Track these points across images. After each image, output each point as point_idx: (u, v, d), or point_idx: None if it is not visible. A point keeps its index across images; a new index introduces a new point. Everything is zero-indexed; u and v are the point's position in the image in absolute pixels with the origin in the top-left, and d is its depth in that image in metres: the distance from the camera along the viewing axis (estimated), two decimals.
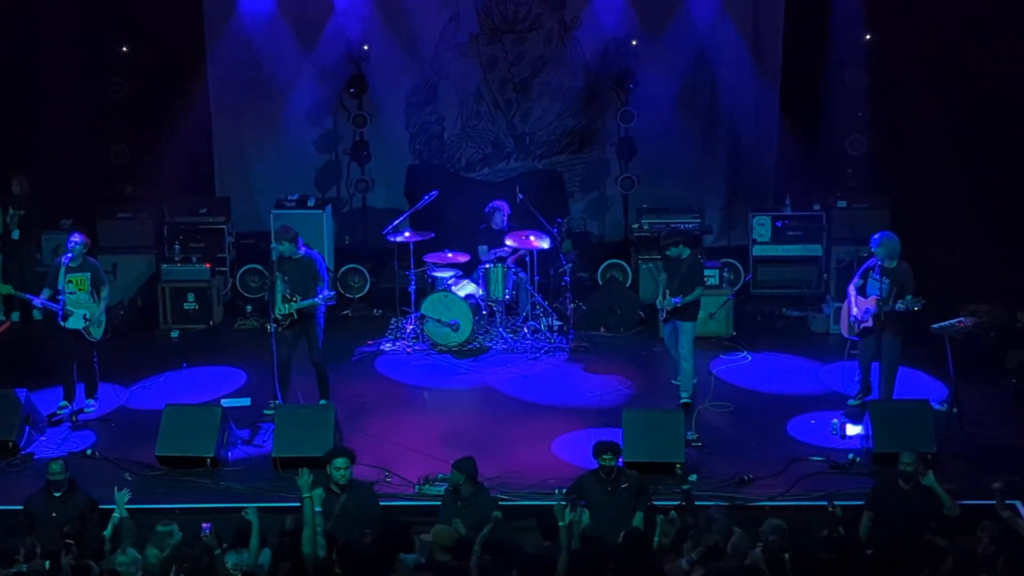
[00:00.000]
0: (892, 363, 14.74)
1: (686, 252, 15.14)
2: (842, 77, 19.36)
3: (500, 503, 12.26)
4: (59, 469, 12.45)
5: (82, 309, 15.00)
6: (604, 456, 12.47)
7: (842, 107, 19.43)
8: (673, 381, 15.50)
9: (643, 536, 11.53)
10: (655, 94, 19.92)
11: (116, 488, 12.24)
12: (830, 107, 19.54)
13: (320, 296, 14.78)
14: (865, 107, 19.39)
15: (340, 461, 12.19)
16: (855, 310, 14.77)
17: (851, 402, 15.09)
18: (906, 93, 18.72)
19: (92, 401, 15.44)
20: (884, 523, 11.88)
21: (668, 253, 15.19)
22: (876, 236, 14.71)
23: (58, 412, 15.21)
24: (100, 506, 12.45)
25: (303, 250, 14.96)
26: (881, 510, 12.07)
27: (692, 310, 15.15)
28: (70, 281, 15.00)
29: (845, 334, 15.16)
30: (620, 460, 12.72)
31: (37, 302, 15.05)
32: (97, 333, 15.14)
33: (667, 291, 15.03)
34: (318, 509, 11.52)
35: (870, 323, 14.63)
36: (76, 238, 15.09)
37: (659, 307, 15.21)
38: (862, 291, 14.76)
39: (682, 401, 15.15)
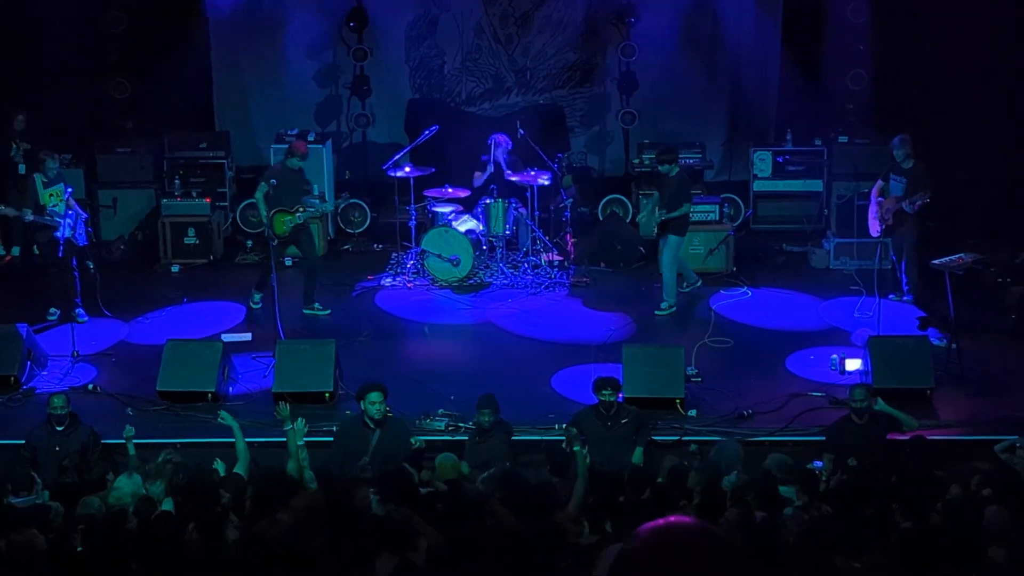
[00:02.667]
0: (911, 254, 15.83)
1: (675, 170, 15.83)
2: (844, 11, 19.26)
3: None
4: (61, 403, 12.52)
5: (65, 219, 15.48)
6: (604, 391, 12.52)
7: (844, 41, 19.33)
8: (657, 312, 16.10)
9: (645, 471, 11.57)
10: (656, 28, 19.82)
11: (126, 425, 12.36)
12: (832, 41, 19.44)
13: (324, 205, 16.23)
14: (866, 41, 19.29)
15: (374, 395, 12.21)
16: (881, 202, 15.82)
17: (906, 299, 15.90)
18: (908, 27, 18.62)
19: (81, 311, 15.74)
20: (844, 461, 11.88)
21: (660, 169, 15.89)
22: (896, 139, 15.89)
23: (48, 318, 15.68)
24: (102, 440, 12.52)
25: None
26: (839, 449, 12.09)
27: (681, 223, 15.85)
28: (51, 195, 15.45)
29: (872, 233, 15.96)
30: (620, 396, 12.78)
31: (29, 217, 15.53)
32: (83, 238, 15.75)
33: (657, 207, 15.80)
34: (300, 442, 11.55)
35: (891, 219, 15.61)
36: (52, 162, 15.81)
37: (641, 222, 16.34)
38: (885, 191, 15.78)
39: (658, 311, 15.84)
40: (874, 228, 15.99)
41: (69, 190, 15.75)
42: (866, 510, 9.71)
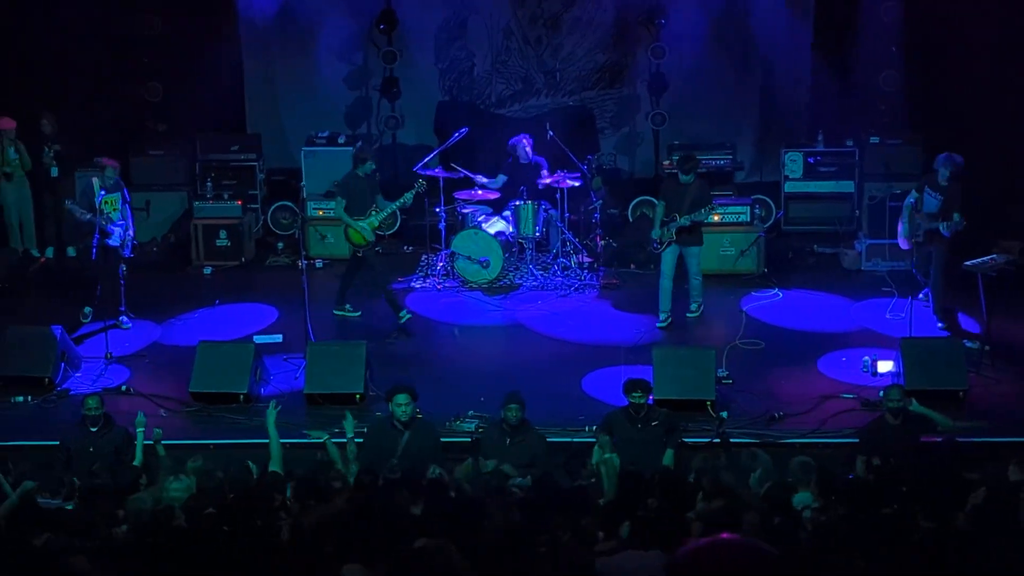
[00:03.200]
0: (939, 276, 15.37)
1: (693, 177, 15.62)
2: (876, 11, 19.20)
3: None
4: (96, 404, 12.58)
5: (118, 227, 15.52)
6: (634, 394, 12.51)
7: (875, 41, 19.27)
8: (690, 310, 15.90)
9: (675, 473, 11.54)
10: (686, 29, 19.79)
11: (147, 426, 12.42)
12: (863, 41, 19.37)
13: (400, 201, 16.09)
14: (898, 41, 19.23)
15: (401, 397, 12.25)
16: (914, 216, 15.37)
17: (921, 296, 15.60)
18: (940, 27, 18.53)
19: (126, 319, 15.74)
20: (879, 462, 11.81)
21: (683, 179, 15.55)
22: (942, 156, 15.34)
23: (83, 321, 15.69)
24: (135, 440, 12.58)
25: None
26: (873, 450, 12.02)
27: (699, 234, 15.70)
28: (107, 202, 15.41)
29: (905, 246, 15.63)
30: (650, 398, 12.77)
31: (87, 217, 15.42)
32: (128, 250, 15.72)
33: (675, 215, 15.45)
34: (350, 434, 11.60)
35: (921, 237, 15.21)
36: (111, 169, 15.69)
37: (658, 237, 15.65)
38: (919, 204, 15.33)
39: (690, 313, 15.82)
40: (903, 243, 15.68)
41: (126, 200, 15.77)
42: (884, 511, 9.64)
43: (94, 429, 12.51)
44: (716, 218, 17.10)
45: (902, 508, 9.76)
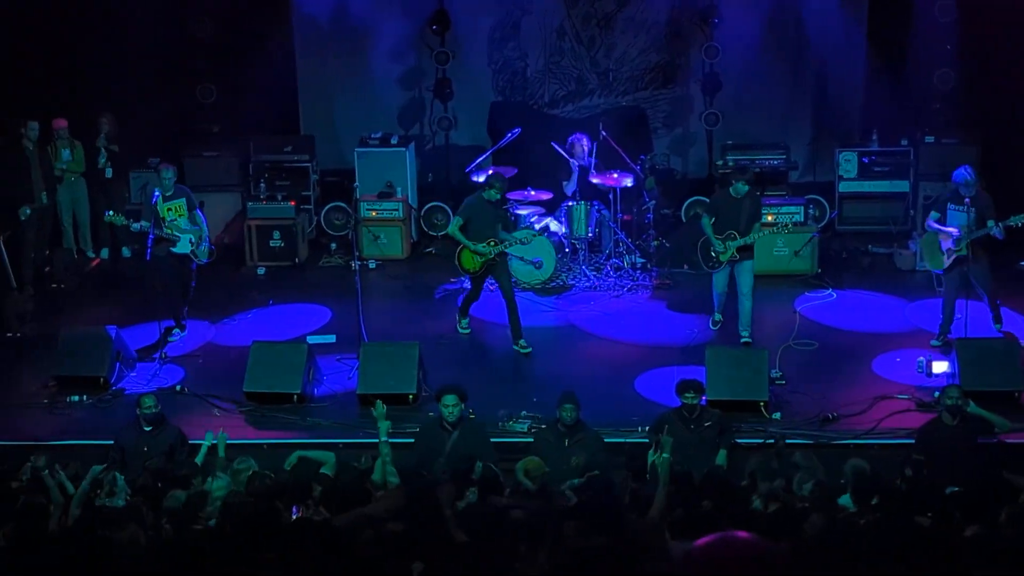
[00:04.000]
0: (988, 286, 14.85)
1: (748, 188, 15.12)
2: (930, 9, 19.07)
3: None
4: (152, 403, 12.66)
5: (187, 234, 15.43)
6: (687, 394, 12.48)
7: (930, 40, 19.14)
8: (743, 337, 15.19)
9: (725, 474, 11.50)
10: (740, 28, 19.73)
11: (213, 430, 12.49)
12: (918, 40, 19.25)
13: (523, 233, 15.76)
14: (954, 40, 19.08)
15: (449, 398, 12.26)
16: (944, 234, 14.75)
17: (933, 342, 14.97)
18: (996, 26, 18.37)
19: (178, 331, 15.74)
20: (934, 463, 11.68)
21: (736, 192, 14.97)
22: (960, 170, 14.75)
23: (172, 340, 15.58)
24: (189, 440, 12.66)
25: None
26: (929, 451, 11.94)
27: (752, 247, 15.17)
28: (169, 208, 15.39)
29: (933, 268, 15.23)
30: (703, 399, 12.73)
31: (136, 227, 15.38)
32: (203, 256, 15.64)
33: (732, 232, 14.90)
34: (383, 438, 11.62)
35: (955, 252, 14.61)
36: (168, 171, 15.55)
37: (720, 253, 15.02)
38: (942, 223, 14.81)
39: (743, 341, 15.08)
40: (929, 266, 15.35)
41: (194, 206, 15.72)
42: (921, 516, 9.53)
43: (148, 428, 12.59)
44: (770, 218, 17.03)
45: (940, 515, 9.64)
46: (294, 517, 10.16)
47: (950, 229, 14.63)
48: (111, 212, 15.98)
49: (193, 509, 10.34)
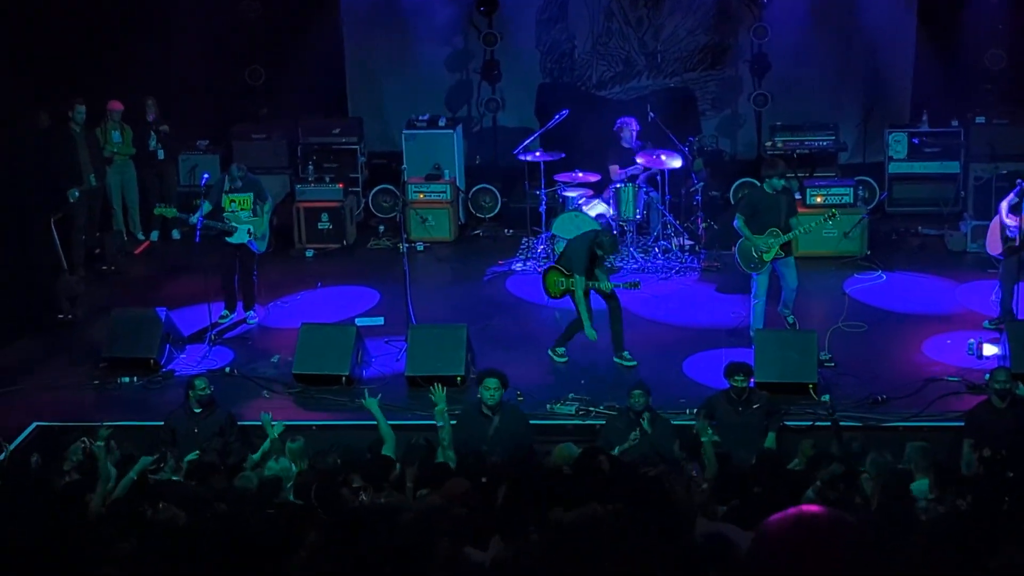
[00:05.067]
0: None
1: (783, 183, 14.55)
2: None
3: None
4: (204, 385, 12.70)
5: (245, 224, 15.43)
6: (736, 377, 12.43)
7: (981, 20, 19.00)
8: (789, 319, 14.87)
9: (776, 456, 11.45)
10: (789, 9, 19.63)
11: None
12: (969, 20, 19.11)
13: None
14: (1005, 20, 18.92)
15: (491, 381, 12.25)
16: (1009, 220, 14.51)
17: (986, 324, 14.86)
18: None
19: (252, 313, 15.83)
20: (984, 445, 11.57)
21: (771, 188, 14.38)
22: None
23: (220, 321, 15.66)
24: (238, 423, 12.72)
25: None
26: (979, 434, 11.83)
27: (791, 242, 14.64)
28: (232, 200, 15.42)
29: (990, 251, 15.05)
30: (751, 381, 12.69)
31: (192, 220, 15.28)
32: (261, 246, 15.62)
33: (774, 229, 14.33)
34: (440, 423, 11.64)
35: (1016, 240, 14.39)
36: (237, 169, 15.56)
37: (764, 252, 14.39)
38: (1016, 209, 14.46)
39: (790, 322, 14.80)
40: (994, 247, 14.88)
41: (263, 200, 15.61)
42: (1003, 503, 9.45)
43: (198, 410, 12.63)
44: (819, 199, 16.95)
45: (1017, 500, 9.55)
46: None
47: (1009, 220, 14.45)
48: (161, 205, 16.00)
49: (268, 491, 10.39)
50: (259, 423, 12.41)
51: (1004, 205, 14.66)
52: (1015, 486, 9.95)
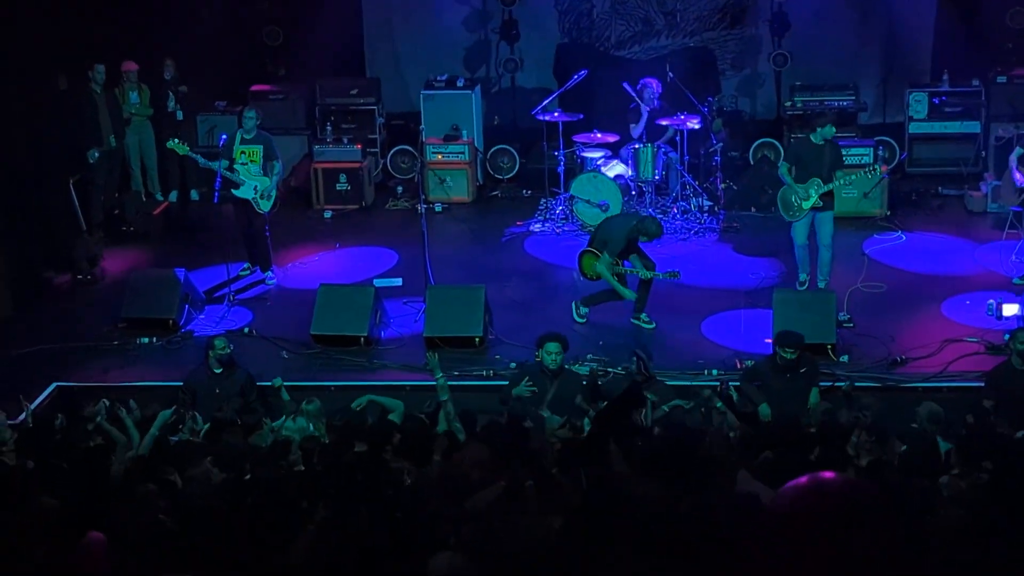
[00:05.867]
0: None
1: (832, 131, 14.64)
2: None
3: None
4: (223, 345, 12.71)
5: (253, 180, 15.38)
6: (787, 350, 12.20)
7: None
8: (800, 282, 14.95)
9: (797, 419, 11.33)
10: None
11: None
12: None
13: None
14: None
15: (553, 346, 12.20)
16: (1018, 176, 14.56)
17: (1016, 280, 14.82)
18: None
19: (270, 274, 15.84)
20: (1005, 407, 11.52)
21: (817, 139, 14.47)
22: None
23: (242, 274, 15.77)
24: (257, 383, 12.75)
25: None
26: (1000, 394, 11.82)
27: (833, 196, 14.69)
28: (243, 152, 15.38)
29: (1007, 204, 15.05)
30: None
31: (202, 162, 15.42)
32: (265, 206, 15.54)
33: (815, 180, 14.37)
34: (444, 397, 11.59)
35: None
36: (250, 111, 15.55)
37: (803, 200, 14.46)
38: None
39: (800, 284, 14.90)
40: (1010, 199, 15.17)
41: (273, 157, 15.54)
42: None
43: (219, 371, 12.66)
44: None
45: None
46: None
47: (1018, 174, 14.47)
48: (176, 140, 15.95)
49: (278, 452, 10.44)
50: (273, 384, 12.42)
51: (1013, 158, 14.74)
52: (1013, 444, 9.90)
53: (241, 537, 8.01)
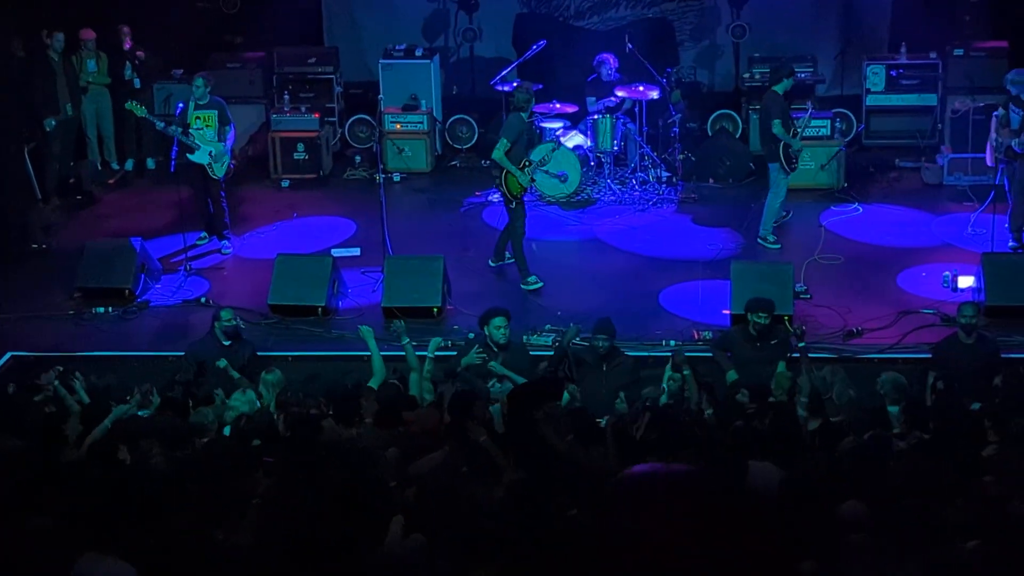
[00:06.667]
0: (1019, 195, 14.85)
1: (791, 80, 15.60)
2: None
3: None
4: (230, 316, 12.60)
5: (208, 145, 15.32)
6: (760, 314, 12.28)
7: None
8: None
9: (766, 387, 11.38)
10: None
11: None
12: None
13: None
14: None
15: (499, 320, 12.19)
16: (994, 135, 14.94)
17: (1012, 244, 15.02)
18: None
19: (226, 243, 15.81)
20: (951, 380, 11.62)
21: (780, 88, 15.36)
22: (1012, 72, 15.06)
23: (197, 243, 15.72)
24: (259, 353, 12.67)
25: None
26: (945, 367, 11.92)
27: None
28: (198, 117, 15.31)
29: (989, 162, 15.27)
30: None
31: (160, 125, 15.30)
32: (220, 171, 15.48)
33: (795, 129, 15.31)
34: (419, 354, 11.63)
35: (1002, 155, 14.80)
36: (198, 79, 15.44)
37: (798, 152, 15.48)
38: (1004, 120, 14.83)
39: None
40: (989, 158, 15.32)
41: (227, 121, 15.54)
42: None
43: (227, 343, 12.52)
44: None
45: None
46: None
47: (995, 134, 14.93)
48: (133, 101, 15.81)
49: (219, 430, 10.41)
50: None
51: (993, 121, 15.07)
52: (976, 420, 10.01)
53: (183, 516, 7.96)
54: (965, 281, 14.04)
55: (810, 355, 12.13)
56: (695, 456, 8.52)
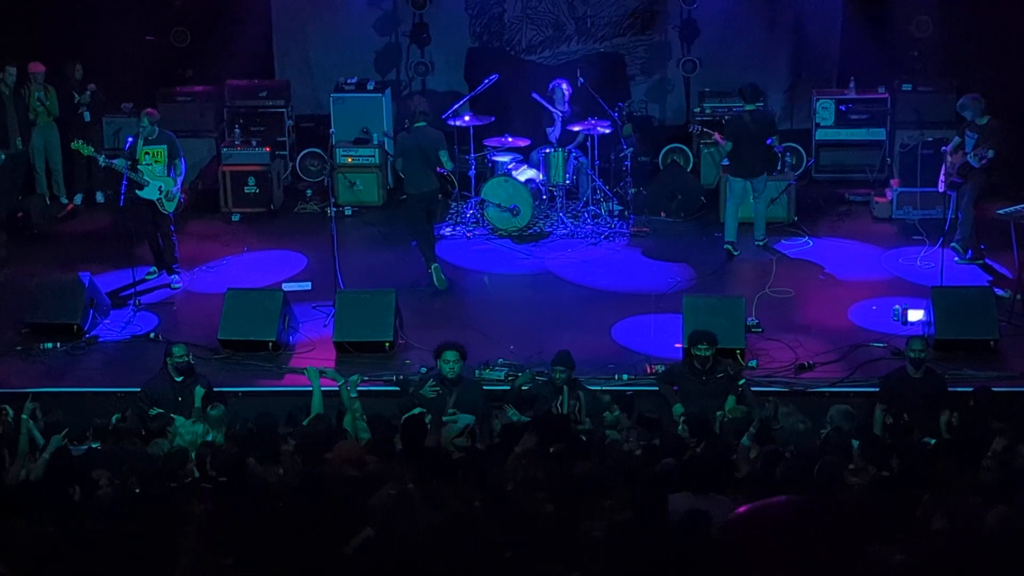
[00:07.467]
0: (967, 209, 15.30)
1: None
2: None
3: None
4: (182, 352, 12.43)
5: (158, 181, 15.25)
6: (700, 346, 12.32)
7: None
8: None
9: (707, 420, 11.40)
10: None
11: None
12: None
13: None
14: None
15: (450, 354, 12.10)
16: (948, 159, 15.46)
17: (957, 260, 15.46)
18: None
19: (176, 277, 15.71)
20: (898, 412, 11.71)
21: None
22: (963, 99, 15.54)
23: (147, 278, 15.61)
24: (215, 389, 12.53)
25: None
26: (892, 401, 11.98)
27: None
28: (147, 153, 15.25)
29: (941, 189, 15.61)
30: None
31: (102, 161, 15.25)
32: (170, 207, 15.42)
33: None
34: (353, 395, 11.57)
35: (956, 178, 15.23)
36: (147, 118, 15.36)
37: None
38: (958, 146, 15.40)
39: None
40: (942, 185, 15.65)
41: (176, 156, 15.50)
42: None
43: (179, 379, 12.37)
44: None
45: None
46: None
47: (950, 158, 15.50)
48: (79, 141, 15.72)
49: (175, 463, 10.31)
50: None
51: (948, 148, 15.67)
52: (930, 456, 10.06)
53: (131, 551, 7.91)
54: (915, 314, 14.11)
55: (765, 388, 12.18)
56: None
